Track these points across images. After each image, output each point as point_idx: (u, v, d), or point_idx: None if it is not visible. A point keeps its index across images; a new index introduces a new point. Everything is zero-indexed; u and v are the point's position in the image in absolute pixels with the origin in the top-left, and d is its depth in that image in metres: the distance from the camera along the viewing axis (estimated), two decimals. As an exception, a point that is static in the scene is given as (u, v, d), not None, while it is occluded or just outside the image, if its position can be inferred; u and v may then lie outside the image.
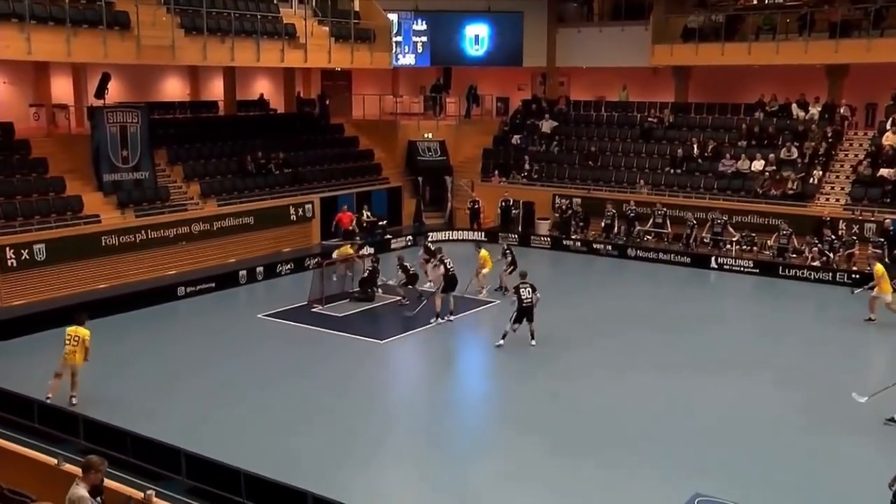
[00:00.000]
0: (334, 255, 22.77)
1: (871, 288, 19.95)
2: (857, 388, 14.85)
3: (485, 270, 21.88)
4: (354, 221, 27.18)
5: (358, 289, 21.70)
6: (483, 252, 22.01)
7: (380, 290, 21.69)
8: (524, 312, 17.48)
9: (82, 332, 14.40)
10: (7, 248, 19.86)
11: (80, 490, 7.92)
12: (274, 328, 19.37)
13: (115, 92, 26.43)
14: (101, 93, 24.40)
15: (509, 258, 22.04)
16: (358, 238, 26.00)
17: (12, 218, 20.90)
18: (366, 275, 21.75)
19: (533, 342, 17.60)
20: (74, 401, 14.21)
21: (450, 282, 19.66)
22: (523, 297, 17.41)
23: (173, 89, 31.00)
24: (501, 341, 17.56)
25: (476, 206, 29.65)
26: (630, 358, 17.28)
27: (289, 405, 14.74)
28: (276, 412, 14.43)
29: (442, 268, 19.71)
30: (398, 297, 21.03)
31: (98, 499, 8.05)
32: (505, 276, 21.75)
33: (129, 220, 22.84)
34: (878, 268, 19.66)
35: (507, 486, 11.96)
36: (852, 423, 14.08)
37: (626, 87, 33.48)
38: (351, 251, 22.73)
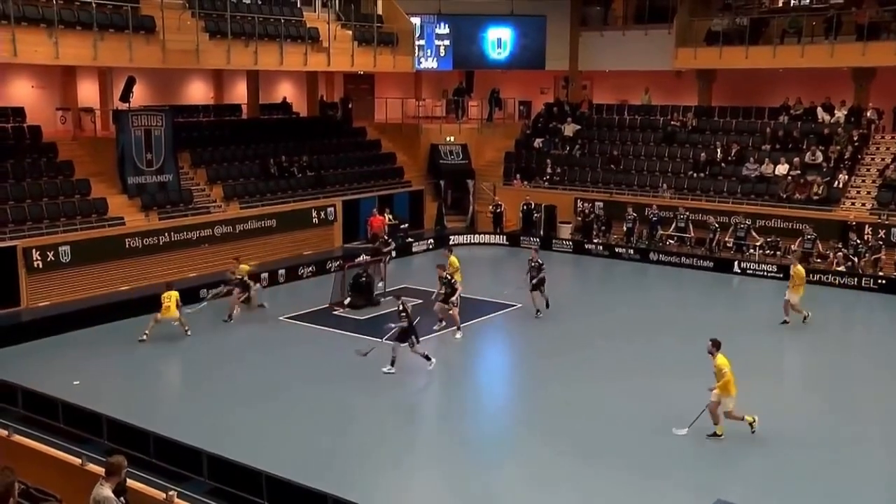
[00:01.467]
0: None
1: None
2: (873, 396, 14.68)
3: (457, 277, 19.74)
4: (386, 226, 27.05)
5: (350, 292, 21.29)
6: (452, 258, 20.18)
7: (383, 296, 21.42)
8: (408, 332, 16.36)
9: (173, 294, 18.41)
10: (33, 250, 20.09)
11: (105, 490, 8.00)
12: (296, 331, 19.43)
13: (140, 95, 26.65)
14: (126, 96, 24.59)
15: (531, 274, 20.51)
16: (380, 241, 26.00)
17: (38, 220, 21.14)
18: (364, 279, 21.52)
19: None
20: (189, 332, 18.62)
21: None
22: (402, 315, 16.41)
23: (197, 93, 31.19)
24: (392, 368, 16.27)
25: (499, 210, 29.64)
26: (652, 363, 17.17)
27: (310, 408, 14.78)
28: (298, 415, 14.47)
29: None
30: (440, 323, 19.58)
31: (121, 499, 8.13)
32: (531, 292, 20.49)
33: (153, 222, 23.02)
34: (799, 269, 19.26)
35: (529, 491, 11.94)
36: (883, 433, 13.97)
37: (648, 90, 33.35)
38: None
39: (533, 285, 20.10)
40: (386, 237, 26.13)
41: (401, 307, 16.60)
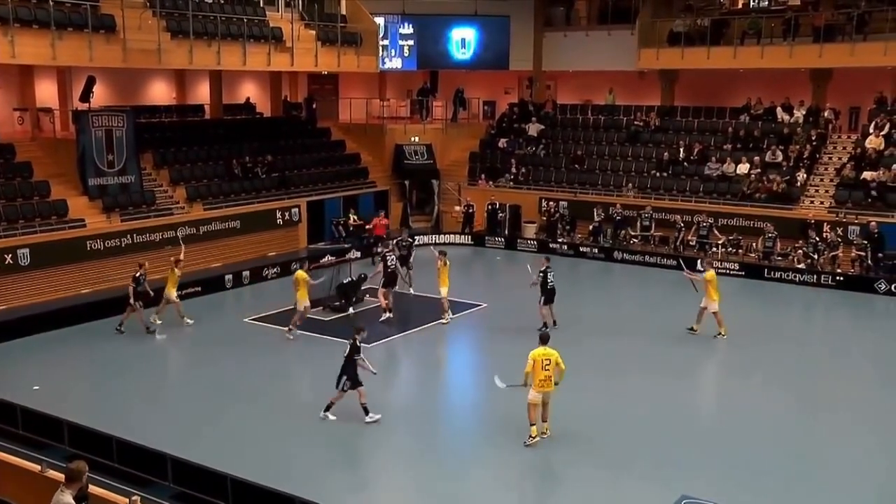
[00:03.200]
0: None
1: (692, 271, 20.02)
2: (836, 391, 14.89)
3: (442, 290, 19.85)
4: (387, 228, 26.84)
5: (335, 293, 21.23)
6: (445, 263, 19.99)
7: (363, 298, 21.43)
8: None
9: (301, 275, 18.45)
10: (-9, 253, 19.73)
11: (66, 497, 7.84)
12: (261, 332, 19.27)
13: (101, 96, 26.28)
14: (86, 96, 24.25)
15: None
16: (344, 242, 25.94)
17: (-4, 222, 20.77)
18: (348, 280, 21.53)
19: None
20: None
21: (389, 278, 20.12)
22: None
23: (159, 93, 30.88)
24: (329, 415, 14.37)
25: (472, 210, 29.61)
26: (617, 361, 17.26)
27: (276, 410, 14.66)
28: (264, 417, 14.35)
29: (381, 264, 20.27)
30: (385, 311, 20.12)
31: (83, 505, 7.98)
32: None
33: (115, 224, 22.74)
34: (710, 273, 18.59)
35: (498, 491, 11.94)
36: (843, 425, 14.19)
37: (612, 90, 33.53)
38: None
39: (545, 298, 19.02)
40: (387, 240, 25.92)
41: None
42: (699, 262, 21.62)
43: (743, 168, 27.64)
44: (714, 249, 25.69)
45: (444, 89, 35.52)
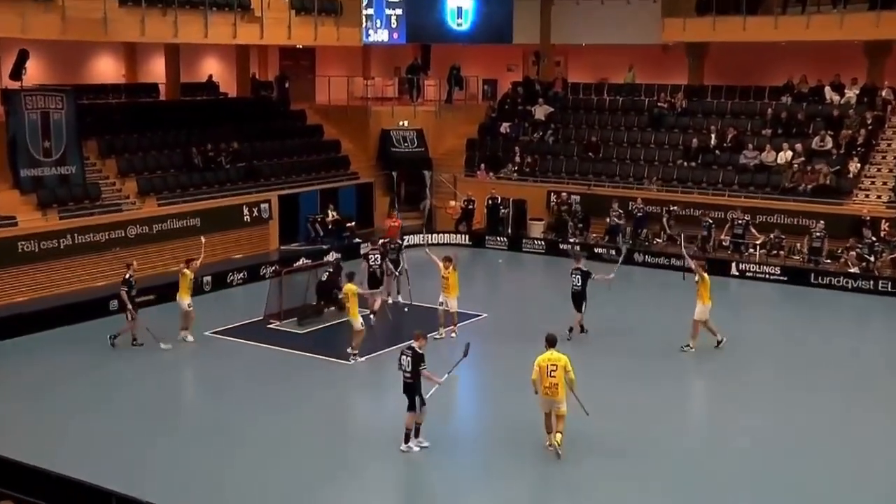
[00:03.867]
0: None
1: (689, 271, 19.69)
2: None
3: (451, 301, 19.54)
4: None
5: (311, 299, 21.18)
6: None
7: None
8: None
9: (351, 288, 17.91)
10: None
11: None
12: (224, 347, 19.10)
13: (36, 73, 26.20)
14: (17, 73, 24.02)
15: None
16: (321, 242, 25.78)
17: (-87, 220, 20.50)
18: (323, 279, 21.24)
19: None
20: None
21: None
22: None
23: (106, 70, 30.77)
24: None
25: (472, 206, 29.41)
26: (635, 380, 17.09)
27: (241, 438, 14.46)
28: (225, 446, 14.15)
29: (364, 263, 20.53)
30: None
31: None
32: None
33: (53, 222, 22.54)
34: (706, 278, 18.26)
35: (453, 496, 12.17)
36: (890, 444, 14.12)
37: (632, 67, 33.38)
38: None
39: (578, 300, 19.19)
40: (399, 241, 25.55)
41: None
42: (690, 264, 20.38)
43: (785, 157, 27.46)
44: (751, 250, 25.47)
45: (437, 66, 35.37)
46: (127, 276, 18.68)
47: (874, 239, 24.12)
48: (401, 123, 32.13)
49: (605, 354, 18.27)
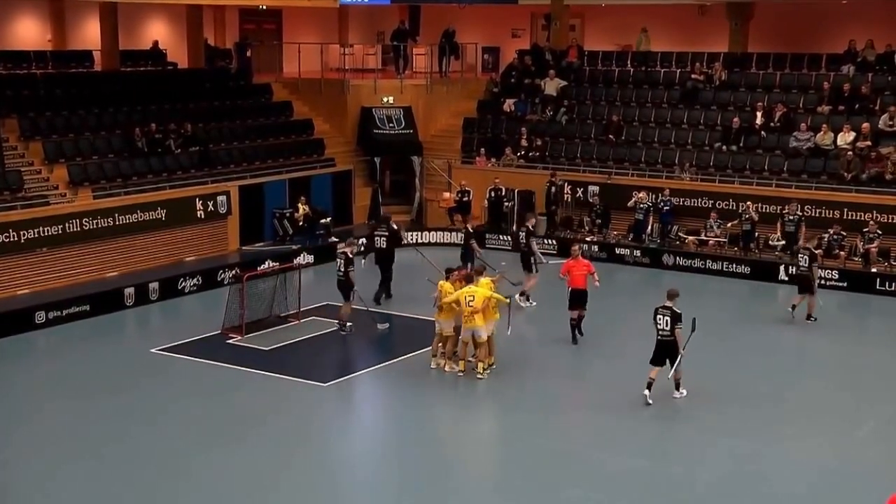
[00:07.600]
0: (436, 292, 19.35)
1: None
2: None
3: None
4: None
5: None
6: (447, 284, 19.08)
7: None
8: None
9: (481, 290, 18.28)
10: None
11: None
12: (173, 367, 19.15)
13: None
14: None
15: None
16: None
17: None
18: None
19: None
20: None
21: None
22: None
23: (27, 34, 30.80)
24: None
25: (466, 199, 29.49)
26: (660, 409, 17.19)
27: (192, 477, 14.50)
28: (173, 487, 14.15)
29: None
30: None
31: None
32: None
33: (-36, 217, 22.54)
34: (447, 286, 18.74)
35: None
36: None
37: (645, 30, 33.52)
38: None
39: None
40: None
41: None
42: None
43: (845, 138, 27.54)
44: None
45: (428, 31, 35.57)
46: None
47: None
48: (385, 100, 32.25)
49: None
